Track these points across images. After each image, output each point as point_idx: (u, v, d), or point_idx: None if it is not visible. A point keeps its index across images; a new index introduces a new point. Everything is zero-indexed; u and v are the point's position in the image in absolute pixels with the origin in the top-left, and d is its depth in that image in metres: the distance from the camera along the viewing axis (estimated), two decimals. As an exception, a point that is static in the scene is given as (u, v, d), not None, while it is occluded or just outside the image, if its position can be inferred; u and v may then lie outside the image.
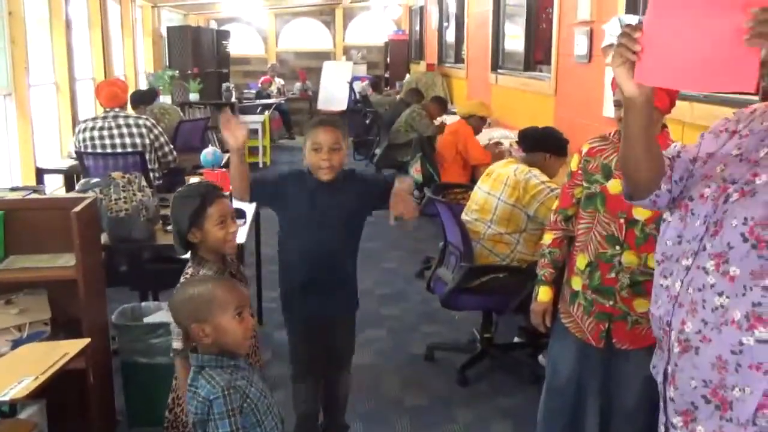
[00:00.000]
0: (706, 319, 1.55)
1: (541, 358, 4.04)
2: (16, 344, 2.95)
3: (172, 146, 5.42)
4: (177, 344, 2.30)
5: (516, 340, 4.34)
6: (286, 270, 2.91)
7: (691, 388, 1.59)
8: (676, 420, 1.65)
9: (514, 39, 7.57)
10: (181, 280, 2.44)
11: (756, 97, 2.64)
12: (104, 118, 5.06)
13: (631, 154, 1.66)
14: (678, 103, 2.52)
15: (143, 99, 6.55)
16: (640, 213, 2.40)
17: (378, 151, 8.13)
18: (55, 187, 6.03)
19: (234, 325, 1.96)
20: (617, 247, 2.45)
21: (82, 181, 4.05)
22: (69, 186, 5.91)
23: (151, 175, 4.96)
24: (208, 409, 1.87)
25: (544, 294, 2.71)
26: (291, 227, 2.84)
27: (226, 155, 5.96)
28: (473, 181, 5.26)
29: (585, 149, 2.59)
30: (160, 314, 3.38)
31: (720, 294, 1.53)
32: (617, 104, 2.44)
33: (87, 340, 2.71)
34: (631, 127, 1.61)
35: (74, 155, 5.36)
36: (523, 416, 3.50)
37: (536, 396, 2.97)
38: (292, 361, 3.01)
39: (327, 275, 2.84)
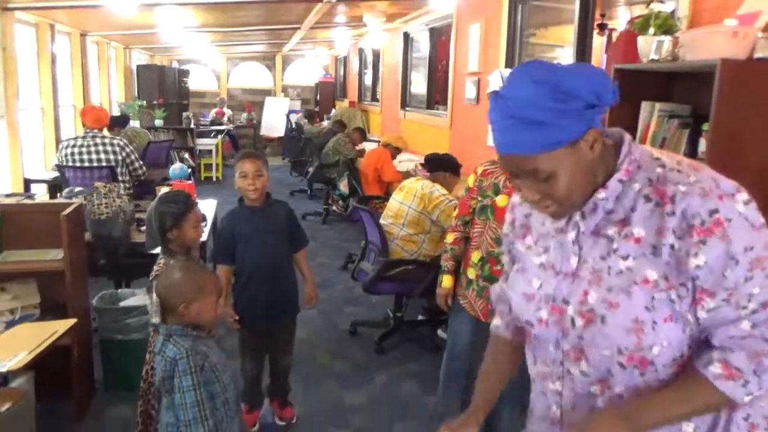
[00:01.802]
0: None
1: (439, 331, 4.10)
2: (9, 325, 2.80)
3: (142, 162, 5.22)
4: (156, 319, 2.23)
5: (420, 317, 4.39)
6: (240, 285, 2.79)
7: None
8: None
9: (418, 84, 7.67)
10: (155, 268, 2.37)
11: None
12: (83, 137, 4.84)
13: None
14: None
15: (119, 122, 6.33)
16: (521, 219, 2.48)
17: (311, 170, 8.08)
18: (39, 194, 5.71)
19: (213, 309, 1.95)
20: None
21: (67, 189, 3.87)
22: (52, 193, 5.62)
23: (122, 185, 4.78)
24: (174, 367, 1.83)
25: (446, 281, 2.74)
26: (242, 249, 2.75)
27: (190, 169, 5.84)
28: (388, 194, 5.30)
29: (480, 170, 2.61)
30: (133, 299, 3.26)
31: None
32: None
33: (74, 320, 2.60)
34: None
35: (56, 168, 5.12)
36: (426, 377, 3.56)
37: (437, 361, 3.00)
38: (241, 346, 2.91)
39: (273, 282, 2.77)
